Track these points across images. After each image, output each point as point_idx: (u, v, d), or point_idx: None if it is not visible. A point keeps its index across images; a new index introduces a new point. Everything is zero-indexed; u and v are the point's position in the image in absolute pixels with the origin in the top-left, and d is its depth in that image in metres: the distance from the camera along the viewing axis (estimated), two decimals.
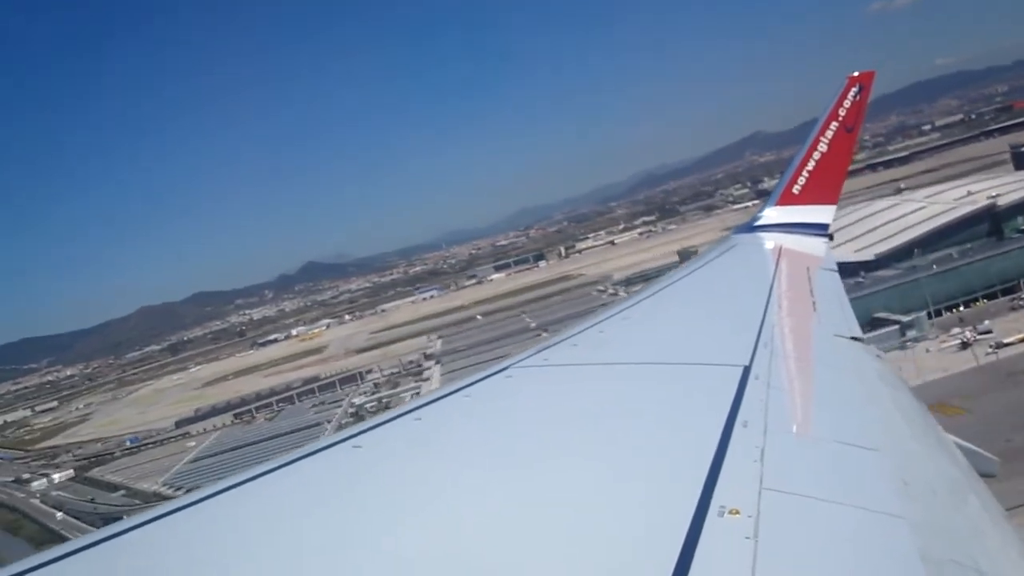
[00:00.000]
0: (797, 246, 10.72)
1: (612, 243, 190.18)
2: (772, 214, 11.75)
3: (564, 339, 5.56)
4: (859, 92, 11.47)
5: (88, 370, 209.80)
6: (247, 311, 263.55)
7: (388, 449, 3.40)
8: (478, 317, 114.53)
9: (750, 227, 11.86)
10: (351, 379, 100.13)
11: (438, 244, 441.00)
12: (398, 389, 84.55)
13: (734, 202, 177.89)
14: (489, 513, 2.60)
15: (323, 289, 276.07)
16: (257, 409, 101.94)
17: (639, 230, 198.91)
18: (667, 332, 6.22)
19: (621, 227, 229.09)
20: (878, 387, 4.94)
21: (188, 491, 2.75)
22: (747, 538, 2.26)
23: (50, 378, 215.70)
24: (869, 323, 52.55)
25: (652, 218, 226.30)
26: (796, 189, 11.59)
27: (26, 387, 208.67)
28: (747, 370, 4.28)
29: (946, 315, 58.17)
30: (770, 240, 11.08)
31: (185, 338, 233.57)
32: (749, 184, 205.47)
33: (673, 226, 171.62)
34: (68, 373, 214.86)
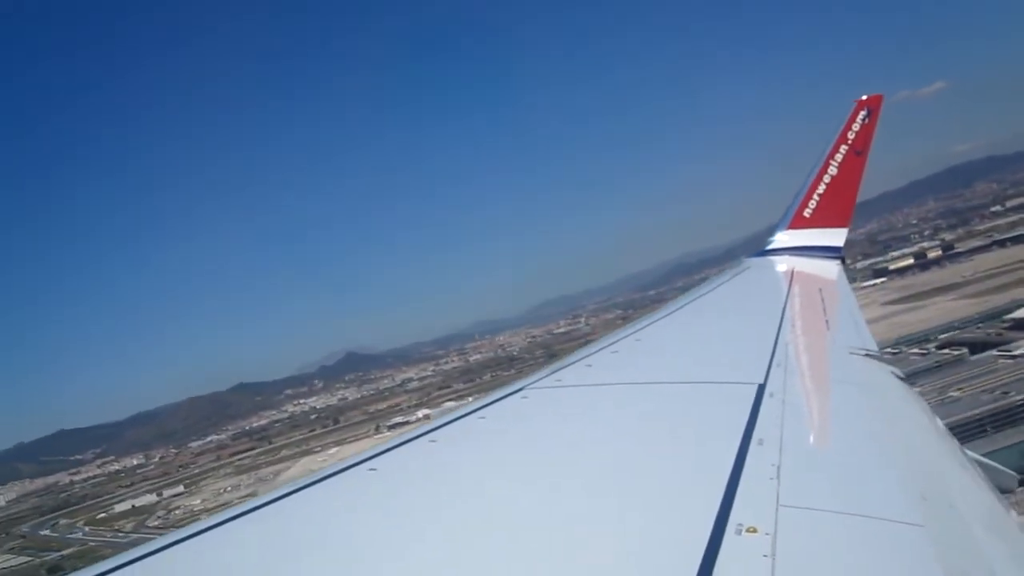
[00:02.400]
0: (810, 268, 10.88)
1: None
2: (784, 238, 11.98)
3: (578, 360, 5.65)
4: (868, 116, 11.78)
5: (156, 459, 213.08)
6: (301, 400, 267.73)
7: (404, 471, 3.45)
8: None
9: (762, 251, 12.06)
10: None
11: (470, 334, 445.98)
12: None
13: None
14: (506, 534, 2.60)
15: (376, 378, 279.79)
16: None
17: None
18: (680, 352, 6.29)
19: None
20: (894, 403, 4.94)
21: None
22: (765, 556, 2.26)
23: (116, 467, 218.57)
24: None
25: None
26: (807, 212, 11.89)
27: (93, 476, 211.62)
28: (762, 388, 4.29)
29: None
30: (782, 263, 11.23)
31: (249, 427, 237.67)
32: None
33: None
34: (134, 463, 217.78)
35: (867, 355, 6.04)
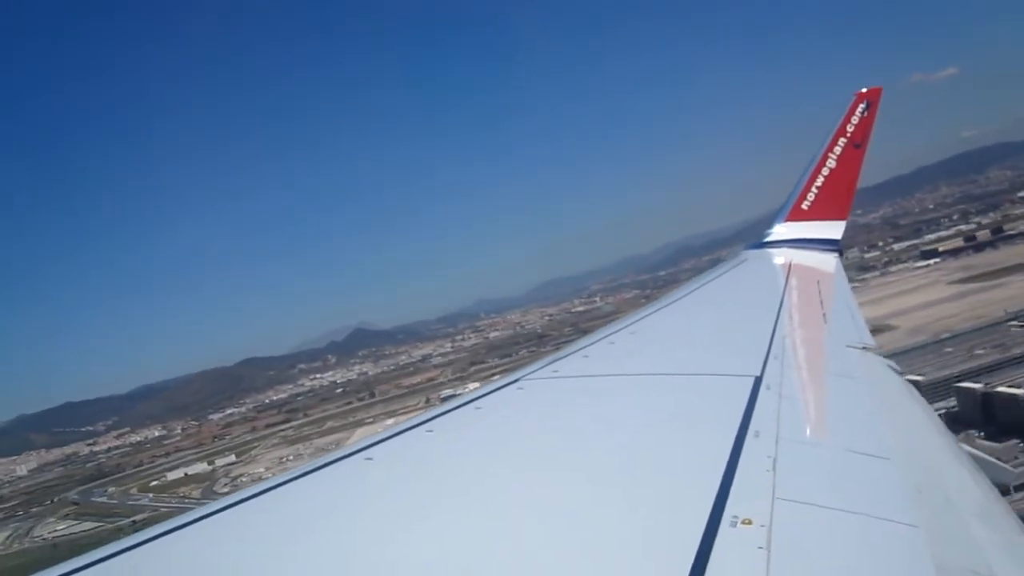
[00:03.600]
0: (808, 261, 10.90)
1: None
2: (782, 230, 12.00)
3: (575, 351, 5.69)
4: (867, 108, 11.82)
5: (178, 431, 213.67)
6: (317, 375, 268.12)
7: (400, 461, 3.49)
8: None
9: (760, 243, 12.08)
10: None
11: (473, 313, 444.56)
12: None
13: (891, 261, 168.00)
14: (501, 524, 2.62)
15: (392, 354, 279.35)
16: None
17: None
18: (677, 344, 6.30)
19: None
20: (891, 396, 4.97)
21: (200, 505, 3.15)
22: (760, 548, 2.28)
23: (136, 439, 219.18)
24: None
25: None
26: (806, 205, 11.89)
27: (115, 447, 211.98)
28: (758, 380, 4.32)
29: None
30: (780, 255, 11.24)
31: (268, 400, 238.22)
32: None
33: (855, 283, 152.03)
34: (155, 434, 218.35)
35: (864, 348, 6.09)
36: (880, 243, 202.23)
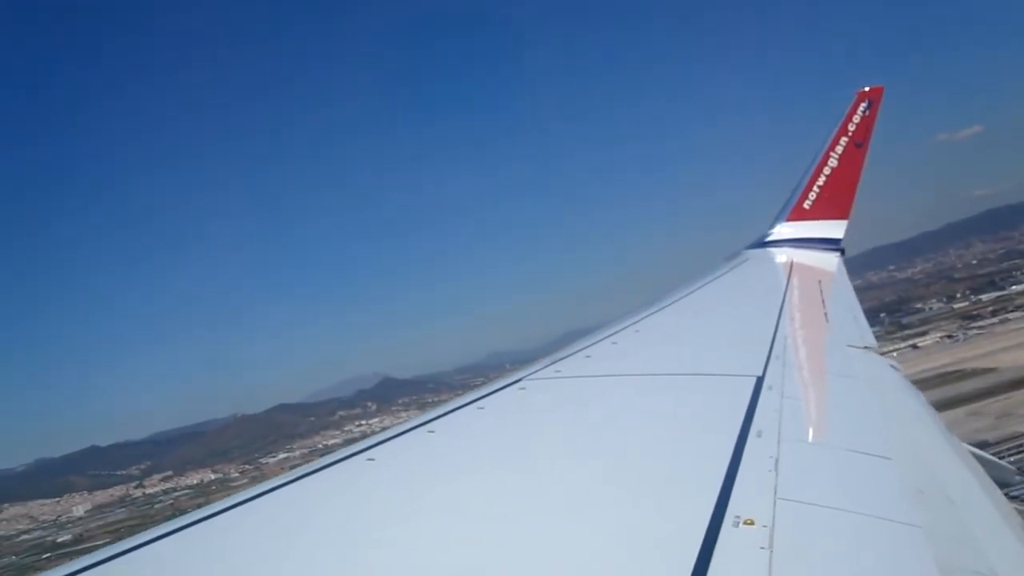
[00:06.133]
0: (809, 261, 10.93)
1: (915, 346, 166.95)
2: (783, 230, 12.00)
3: (577, 351, 5.79)
4: (868, 107, 11.89)
5: (236, 474, 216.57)
6: (360, 421, 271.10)
7: (402, 462, 3.50)
8: None
9: (761, 243, 11.99)
10: None
11: (494, 364, 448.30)
12: None
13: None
14: (503, 525, 2.64)
15: (433, 403, 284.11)
16: None
17: (936, 335, 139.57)
18: (679, 344, 6.38)
19: None
20: (893, 396, 5.03)
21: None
22: (762, 548, 2.29)
23: (190, 481, 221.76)
24: None
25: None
26: (807, 204, 11.96)
27: (171, 489, 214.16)
28: (760, 380, 4.35)
29: None
30: (782, 255, 11.26)
31: (323, 444, 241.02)
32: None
33: (976, 330, 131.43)
34: (212, 476, 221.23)
35: (866, 348, 6.19)
36: (958, 295, 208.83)
